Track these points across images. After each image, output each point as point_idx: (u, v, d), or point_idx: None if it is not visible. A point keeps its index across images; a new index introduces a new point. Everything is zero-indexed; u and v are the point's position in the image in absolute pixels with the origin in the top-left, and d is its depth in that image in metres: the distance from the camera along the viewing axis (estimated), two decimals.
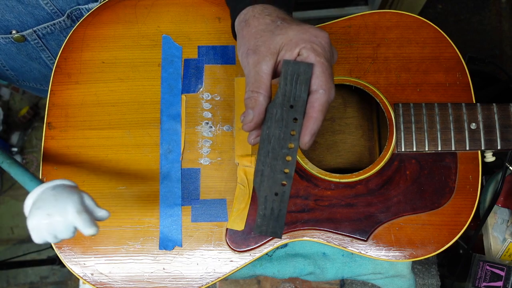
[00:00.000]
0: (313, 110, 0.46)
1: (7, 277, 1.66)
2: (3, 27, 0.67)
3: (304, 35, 0.47)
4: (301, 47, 0.47)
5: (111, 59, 0.64)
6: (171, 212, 0.60)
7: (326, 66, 0.46)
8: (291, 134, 0.47)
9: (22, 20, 0.67)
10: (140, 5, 0.66)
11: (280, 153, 0.47)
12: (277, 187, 0.47)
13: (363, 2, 1.56)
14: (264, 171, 0.48)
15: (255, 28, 0.50)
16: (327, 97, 0.46)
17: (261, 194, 0.48)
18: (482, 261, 0.71)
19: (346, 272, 0.69)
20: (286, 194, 0.47)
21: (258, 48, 0.49)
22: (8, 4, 0.63)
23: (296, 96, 0.46)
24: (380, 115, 0.78)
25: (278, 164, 0.47)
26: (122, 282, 0.59)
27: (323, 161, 0.77)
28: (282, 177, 0.47)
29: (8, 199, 1.75)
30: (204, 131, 0.63)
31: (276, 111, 0.47)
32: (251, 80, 0.49)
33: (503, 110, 0.61)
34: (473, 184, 0.61)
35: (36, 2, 0.64)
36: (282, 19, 0.50)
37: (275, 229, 0.48)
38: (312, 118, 0.46)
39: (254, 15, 0.51)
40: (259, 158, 0.48)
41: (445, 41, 0.64)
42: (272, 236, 0.48)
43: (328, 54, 0.47)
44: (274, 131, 0.47)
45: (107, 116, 0.63)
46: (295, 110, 0.46)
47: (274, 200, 0.48)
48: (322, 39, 0.47)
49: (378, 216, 0.60)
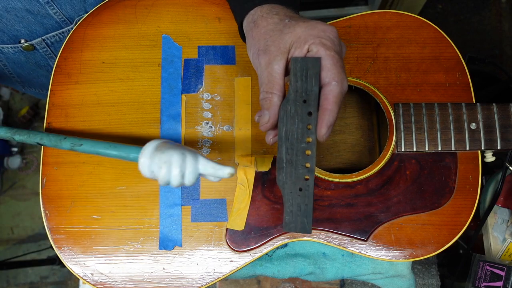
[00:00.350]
0: (328, 102, 0.46)
1: (7, 277, 1.66)
2: (12, 37, 0.68)
3: (312, 31, 0.48)
4: (310, 43, 0.47)
5: (111, 59, 0.64)
6: (171, 212, 0.60)
7: (337, 58, 0.47)
8: (307, 128, 0.47)
9: (31, 29, 0.67)
10: (140, 5, 0.66)
11: (299, 148, 0.48)
12: (300, 182, 0.48)
13: (363, 2, 1.56)
14: (285, 168, 0.49)
15: (264, 28, 0.51)
16: (340, 88, 0.46)
17: (285, 191, 0.49)
18: (482, 261, 0.71)
19: (346, 272, 0.69)
20: (311, 188, 0.48)
21: (268, 48, 0.49)
22: (18, 14, 0.64)
23: (308, 91, 0.47)
24: (380, 115, 0.78)
25: (298, 159, 0.48)
26: (122, 282, 0.59)
27: (323, 161, 0.77)
28: (304, 172, 0.48)
29: (8, 199, 1.75)
30: (204, 131, 0.63)
31: (290, 108, 0.48)
32: (264, 80, 0.49)
33: (503, 110, 0.61)
34: (473, 184, 0.61)
35: (45, 11, 0.65)
36: (289, 17, 0.50)
37: (304, 224, 0.49)
38: (328, 110, 0.46)
39: (262, 15, 0.52)
40: (279, 156, 0.49)
41: (445, 41, 0.64)
42: (301, 232, 0.49)
43: (337, 47, 0.48)
44: (291, 127, 0.48)
45: (107, 116, 0.63)
46: (309, 105, 0.47)
47: (299, 195, 0.48)
48: (330, 33, 0.48)
49: (378, 216, 0.60)
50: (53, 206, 0.61)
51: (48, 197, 0.61)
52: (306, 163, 0.48)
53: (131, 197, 0.61)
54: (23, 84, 0.83)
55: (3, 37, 0.68)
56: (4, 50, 0.70)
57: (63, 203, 0.61)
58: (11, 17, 0.64)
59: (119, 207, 0.61)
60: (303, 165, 0.48)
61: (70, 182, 0.61)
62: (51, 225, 0.60)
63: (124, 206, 0.61)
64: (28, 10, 0.64)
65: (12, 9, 0.63)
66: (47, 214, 0.61)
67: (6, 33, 0.67)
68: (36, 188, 1.75)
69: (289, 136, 0.48)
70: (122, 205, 0.61)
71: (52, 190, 0.61)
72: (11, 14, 0.64)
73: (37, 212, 1.71)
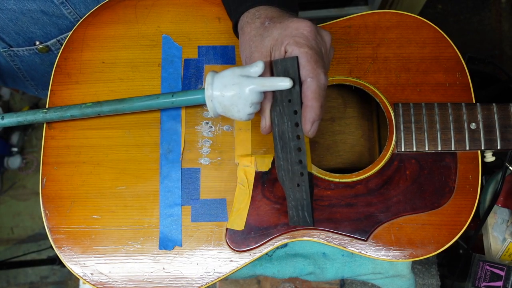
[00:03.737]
0: (307, 99, 0.47)
1: (7, 277, 1.66)
2: (28, 39, 0.68)
3: (285, 31, 0.49)
4: (285, 44, 0.48)
5: (111, 59, 0.64)
6: (171, 212, 0.60)
7: (310, 54, 0.47)
8: (296, 126, 0.49)
9: (46, 31, 0.68)
10: (140, 5, 0.66)
11: (291, 145, 0.50)
12: (297, 178, 0.50)
13: (363, 2, 1.56)
14: (282, 165, 0.51)
15: (248, 35, 0.52)
16: (316, 83, 0.47)
17: (286, 187, 0.52)
18: (482, 261, 0.71)
19: (346, 272, 0.69)
20: (306, 183, 0.50)
21: (252, 55, 0.51)
22: (33, 16, 0.64)
23: (291, 90, 0.49)
24: (380, 115, 0.78)
25: (292, 156, 0.50)
26: (122, 282, 0.59)
27: (323, 161, 0.77)
28: (299, 168, 0.50)
29: (8, 199, 1.75)
30: (204, 131, 0.63)
31: (279, 109, 0.50)
32: None
33: (503, 110, 0.61)
34: (473, 184, 0.61)
35: (59, 12, 0.65)
36: (270, 19, 0.52)
37: (305, 218, 0.52)
38: (308, 107, 0.47)
39: (247, 21, 0.53)
40: (276, 155, 0.51)
41: (445, 41, 0.64)
42: (304, 225, 0.52)
43: (312, 42, 0.48)
44: (282, 127, 0.50)
45: (107, 116, 0.63)
46: (293, 103, 0.49)
47: (298, 191, 0.51)
48: (303, 29, 0.48)
49: (378, 216, 0.60)
50: (53, 206, 0.61)
51: (48, 197, 0.61)
52: (300, 159, 0.50)
53: (131, 197, 0.61)
54: (36, 87, 0.83)
55: (18, 40, 0.68)
56: (19, 53, 0.71)
57: (63, 203, 0.61)
58: (27, 19, 0.65)
59: (119, 207, 0.61)
60: (297, 161, 0.50)
61: (70, 182, 0.61)
62: (51, 225, 0.60)
63: (124, 206, 0.61)
64: (43, 12, 0.64)
65: (28, 11, 0.63)
66: (47, 214, 0.61)
67: (21, 36, 0.67)
68: (36, 188, 1.75)
69: (282, 135, 0.50)
70: (122, 205, 0.61)
71: (52, 190, 0.61)
72: (27, 16, 0.64)
73: (37, 212, 1.72)
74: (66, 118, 0.60)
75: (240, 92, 0.49)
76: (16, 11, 0.63)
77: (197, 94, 0.55)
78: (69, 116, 0.58)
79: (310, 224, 0.52)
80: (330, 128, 0.78)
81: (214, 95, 0.51)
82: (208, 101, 0.51)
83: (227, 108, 0.51)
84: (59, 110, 0.58)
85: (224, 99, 0.50)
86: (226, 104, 0.50)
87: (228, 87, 0.50)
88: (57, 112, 0.58)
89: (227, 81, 0.50)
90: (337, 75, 0.64)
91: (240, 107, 0.50)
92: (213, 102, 0.51)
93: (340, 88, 0.78)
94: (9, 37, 0.68)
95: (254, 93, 0.49)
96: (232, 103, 0.50)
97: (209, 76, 0.51)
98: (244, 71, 0.50)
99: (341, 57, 0.64)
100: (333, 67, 0.64)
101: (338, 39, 0.64)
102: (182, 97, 0.55)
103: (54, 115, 0.59)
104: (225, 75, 0.50)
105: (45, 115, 0.58)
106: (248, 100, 0.49)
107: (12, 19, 0.64)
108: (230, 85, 0.49)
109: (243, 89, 0.49)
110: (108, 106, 0.58)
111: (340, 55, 0.64)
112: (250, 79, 0.49)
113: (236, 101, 0.50)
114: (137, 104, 0.57)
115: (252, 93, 0.49)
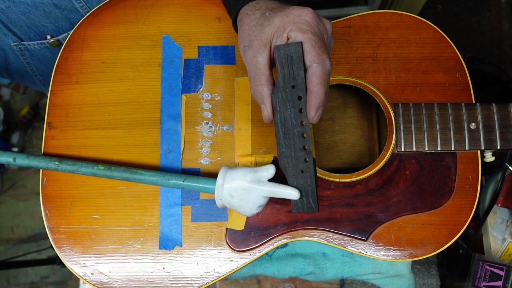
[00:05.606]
0: (312, 85, 0.47)
1: (7, 277, 1.66)
2: (39, 33, 0.68)
3: (287, 18, 0.49)
4: (288, 30, 0.48)
5: (111, 59, 0.64)
6: (171, 211, 0.61)
7: (314, 40, 0.47)
8: (300, 112, 0.49)
9: (57, 25, 0.68)
10: (141, 5, 0.66)
11: (295, 132, 0.50)
12: (300, 164, 0.50)
13: (363, 2, 1.56)
14: (285, 152, 0.51)
15: (248, 25, 0.52)
16: (322, 68, 0.47)
17: (289, 174, 0.51)
18: (482, 260, 0.71)
19: (346, 272, 0.69)
20: (311, 169, 0.50)
21: (252, 43, 0.51)
22: (46, 10, 0.65)
23: (295, 76, 0.48)
24: (380, 115, 0.78)
25: (295, 143, 0.50)
26: (122, 282, 0.59)
27: (323, 161, 0.77)
28: (303, 154, 0.50)
29: (8, 199, 1.76)
30: (204, 131, 0.63)
31: (281, 95, 0.49)
32: (252, 74, 0.51)
33: (503, 110, 0.61)
34: (472, 184, 0.61)
35: (72, 5, 0.65)
36: (270, 10, 0.52)
37: (310, 204, 0.51)
38: (313, 92, 0.47)
39: (246, 12, 0.53)
40: (278, 142, 0.51)
41: (445, 41, 0.64)
42: (309, 212, 0.51)
43: (315, 29, 0.48)
44: (284, 113, 0.50)
45: (107, 116, 0.63)
46: (297, 89, 0.49)
47: (302, 177, 0.51)
48: (305, 16, 0.48)
49: (378, 216, 0.60)
50: (53, 206, 0.61)
51: (48, 197, 0.61)
52: (304, 145, 0.50)
53: (131, 197, 0.61)
54: (44, 82, 0.83)
55: (30, 33, 0.68)
56: (30, 47, 0.70)
57: (63, 203, 0.61)
58: (39, 12, 0.64)
59: (119, 207, 0.61)
60: (301, 147, 0.50)
61: (70, 182, 0.61)
62: (51, 225, 0.60)
63: (124, 206, 0.61)
64: (55, 5, 0.64)
65: (41, 4, 0.63)
66: (47, 214, 0.61)
67: (33, 29, 0.67)
68: (36, 188, 1.75)
69: (284, 121, 0.50)
70: (122, 205, 0.61)
71: (52, 190, 0.61)
72: (39, 9, 0.64)
73: (37, 212, 1.72)
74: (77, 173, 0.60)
75: (249, 197, 0.52)
76: (29, 4, 0.63)
77: (208, 184, 0.56)
78: (80, 173, 0.59)
79: (315, 210, 0.51)
80: (330, 128, 0.78)
81: (223, 195, 0.53)
82: (218, 200, 0.54)
83: (234, 207, 0.53)
84: (71, 165, 0.59)
85: (232, 201, 0.53)
86: (234, 205, 0.53)
87: (238, 191, 0.52)
88: (69, 167, 0.59)
89: (237, 185, 0.52)
90: (337, 75, 0.64)
91: (247, 209, 0.53)
92: (222, 200, 0.54)
93: (340, 88, 0.78)
94: (21, 30, 0.68)
95: (262, 198, 0.52)
96: (239, 205, 0.53)
97: (221, 174, 0.54)
98: (255, 176, 0.52)
99: (341, 57, 0.64)
100: (333, 67, 0.64)
101: (338, 39, 0.64)
102: (192, 182, 0.57)
103: (65, 169, 0.59)
104: (236, 177, 0.53)
105: (57, 167, 0.59)
106: (256, 204, 0.52)
107: (25, 12, 0.64)
108: (240, 189, 0.52)
109: (252, 196, 0.52)
110: (119, 173, 0.58)
111: (340, 55, 0.64)
112: (260, 186, 0.52)
113: (244, 204, 0.52)
114: (149, 179, 0.58)
115: (260, 199, 0.52)
